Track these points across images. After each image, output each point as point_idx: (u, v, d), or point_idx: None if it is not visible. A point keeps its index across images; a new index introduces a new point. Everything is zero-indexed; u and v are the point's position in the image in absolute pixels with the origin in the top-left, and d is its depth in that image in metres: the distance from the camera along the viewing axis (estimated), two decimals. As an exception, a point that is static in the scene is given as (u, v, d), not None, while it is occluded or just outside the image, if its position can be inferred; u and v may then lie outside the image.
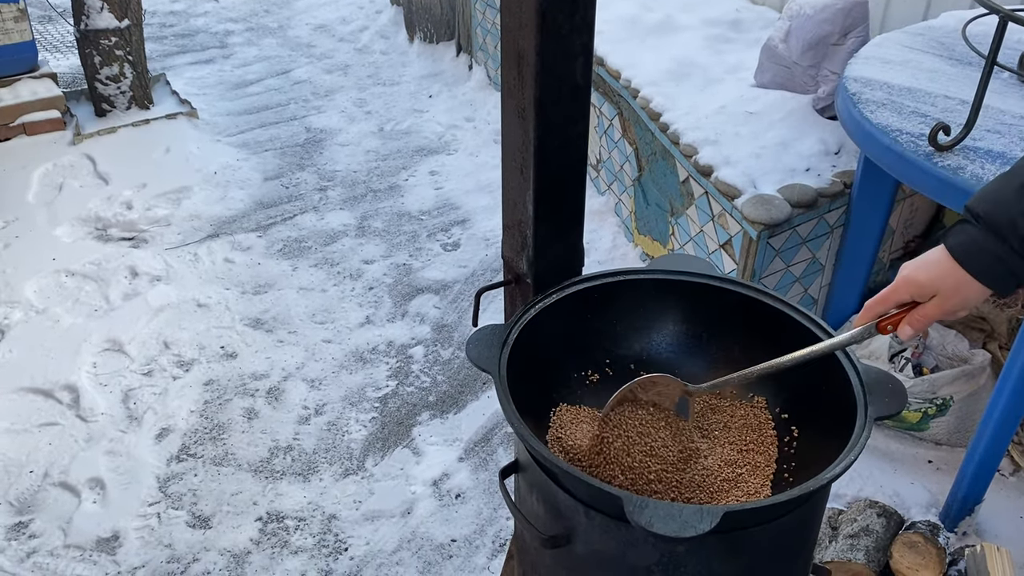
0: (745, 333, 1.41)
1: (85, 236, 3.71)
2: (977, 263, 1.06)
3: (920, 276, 1.10)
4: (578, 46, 1.27)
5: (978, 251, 1.05)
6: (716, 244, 2.83)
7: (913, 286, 1.11)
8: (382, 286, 3.48)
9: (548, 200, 1.39)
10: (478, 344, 1.29)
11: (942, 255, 1.09)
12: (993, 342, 2.68)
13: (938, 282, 1.09)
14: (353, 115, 4.87)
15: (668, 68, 3.31)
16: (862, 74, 2.38)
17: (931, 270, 1.09)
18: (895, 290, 1.13)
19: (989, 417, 2.13)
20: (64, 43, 5.71)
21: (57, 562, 2.36)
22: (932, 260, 1.10)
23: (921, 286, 1.10)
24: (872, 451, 2.56)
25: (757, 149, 2.79)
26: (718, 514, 0.98)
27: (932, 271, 1.09)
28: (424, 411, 2.88)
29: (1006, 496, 2.44)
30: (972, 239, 1.06)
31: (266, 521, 2.49)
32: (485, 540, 2.43)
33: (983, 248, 1.05)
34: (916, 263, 1.12)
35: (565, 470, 1.08)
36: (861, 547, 2.04)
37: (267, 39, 5.96)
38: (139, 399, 2.89)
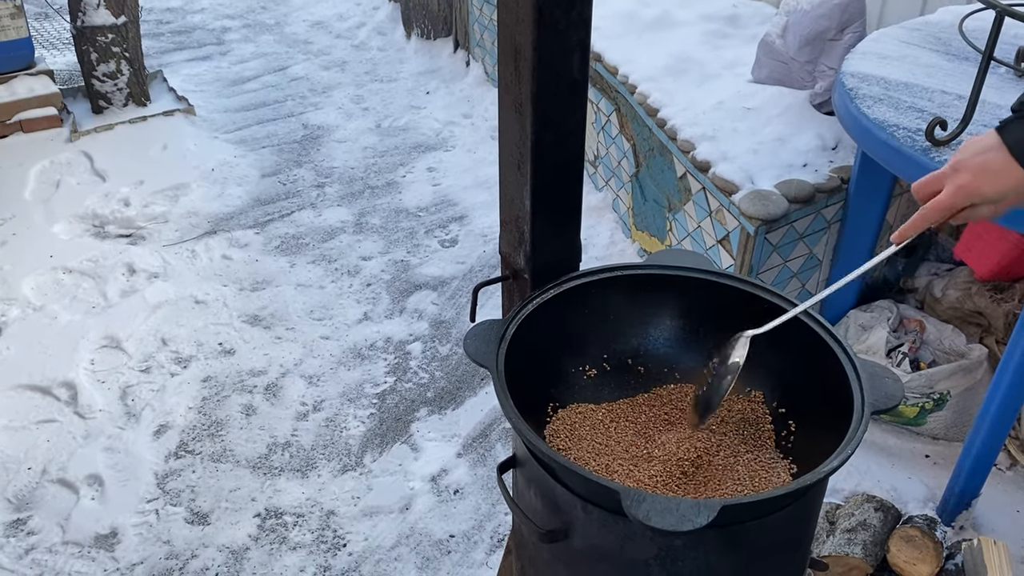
0: (742, 327, 1.41)
1: (82, 233, 3.71)
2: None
3: (980, 186, 1.05)
4: (575, 41, 1.26)
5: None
6: (714, 240, 2.83)
7: (974, 195, 1.07)
8: (380, 282, 3.48)
9: (545, 196, 1.39)
10: (476, 339, 1.29)
11: (998, 157, 1.04)
12: (990, 337, 2.69)
13: (999, 189, 1.05)
14: (350, 112, 4.87)
15: (665, 64, 3.31)
16: (859, 69, 2.38)
17: (989, 177, 1.05)
18: (954, 199, 1.08)
19: (986, 411, 2.14)
20: (61, 40, 5.70)
21: (55, 559, 2.36)
22: (986, 165, 1.05)
23: (982, 195, 1.06)
24: (869, 446, 2.57)
25: (754, 145, 2.79)
26: (715, 508, 0.99)
27: (991, 179, 1.05)
28: (422, 407, 2.88)
29: (1003, 490, 2.44)
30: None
31: (264, 517, 2.49)
32: (483, 535, 2.44)
33: None
34: (971, 166, 1.06)
35: (563, 464, 1.09)
36: (859, 541, 2.04)
37: (264, 36, 5.95)
38: (137, 396, 2.89)
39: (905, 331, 2.67)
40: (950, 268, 2.90)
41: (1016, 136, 1.04)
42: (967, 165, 1.08)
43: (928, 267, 2.94)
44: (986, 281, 2.71)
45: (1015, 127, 1.04)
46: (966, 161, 1.08)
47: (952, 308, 2.74)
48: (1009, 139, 1.04)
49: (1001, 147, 1.05)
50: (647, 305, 1.47)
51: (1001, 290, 2.68)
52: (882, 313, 2.69)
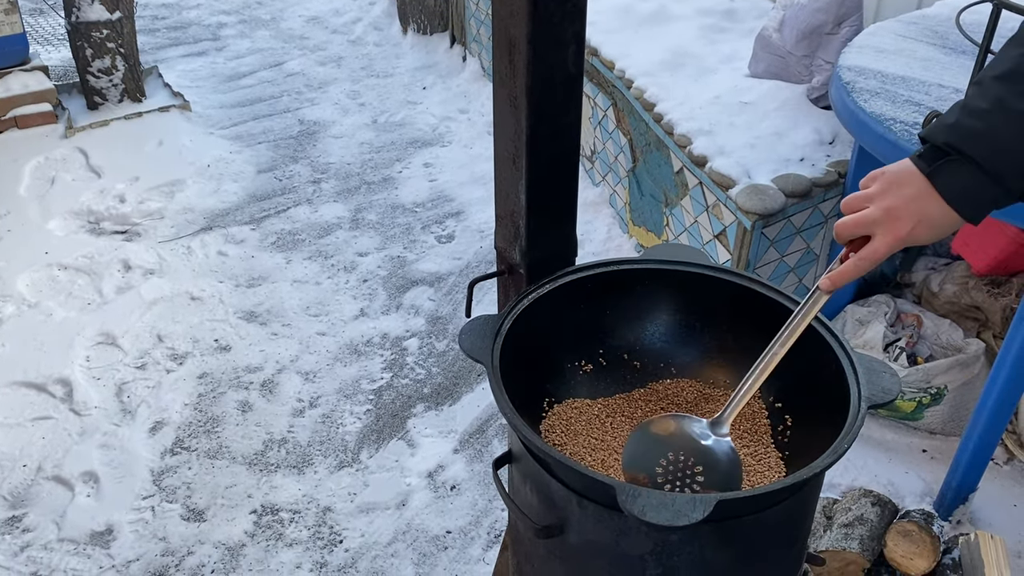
0: (738, 323, 1.41)
1: (78, 229, 3.70)
2: (972, 205, 1.00)
3: (926, 237, 1.03)
4: (570, 34, 1.26)
5: (975, 194, 0.99)
6: (710, 234, 2.83)
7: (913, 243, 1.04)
8: (376, 278, 3.47)
9: (541, 190, 1.38)
10: (471, 335, 1.28)
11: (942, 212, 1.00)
12: (987, 331, 2.69)
13: (933, 238, 1.03)
14: (347, 107, 4.85)
15: (662, 58, 3.30)
16: (856, 63, 2.37)
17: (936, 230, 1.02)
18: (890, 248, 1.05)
19: (983, 406, 2.14)
20: (55, 36, 5.68)
21: (51, 556, 2.35)
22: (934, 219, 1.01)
23: (924, 242, 1.04)
24: (866, 440, 2.57)
25: (751, 139, 2.79)
26: (711, 503, 0.98)
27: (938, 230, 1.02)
28: (419, 403, 2.88)
29: (1000, 484, 2.44)
30: (970, 184, 0.98)
31: (260, 514, 2.49)
32: (480, 531, 2.43)
33: (981, 196, 0.99)
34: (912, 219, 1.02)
35: (558, 460, 1.08)
36: (856, 536, 2.04)
37: (260, 31, 5.93)
38: (133, 392, 2.88)
39: (902, 326, 2.66)
40: (947, 262, 2.89)
41: (952, 189, 1.00)
42: (902, 213, 1.03)
43: (925, 261, 2.94)
44: (983, 275, 2.71)
45: (946, 175, 1.00)
46: (899, 209, 1.03)
47: (949, 302, 2.74)
48: (943, 188, 1.00)
49: (933, 196, 1.01)
50: (643, 300, 1.46)
51: (998, 284, 2.68)
52: (879, 308, 2.69)
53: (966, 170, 0.99)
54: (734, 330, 1.43)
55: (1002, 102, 0.98)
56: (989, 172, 0.97)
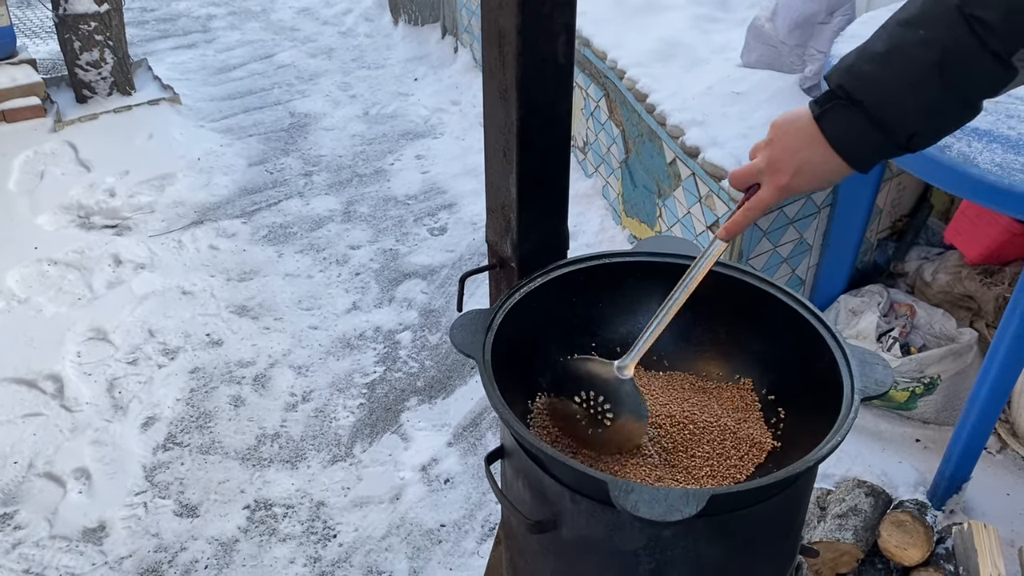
0: (731, 315, 1.40)
1: (67, 224, 3.67)
2: (855, 150, 0.98)
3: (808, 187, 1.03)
4: (560, 24, 1.24)
5: (858, 139, 0.97)
6: (703, 225, 2.82)
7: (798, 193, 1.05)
8: (369, 271, 3.46)
9: (532, 182, 1.37)
10: (462, 329, 1.27)
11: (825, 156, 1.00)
12: (980, 321, 2.69)
13: (830, 182, 1.03)
14: (338, 99, 4.83)
15: (654, 48, 3.29)
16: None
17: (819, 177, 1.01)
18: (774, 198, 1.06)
19: (976, 395, 2.14)
20: (43, 28, 5.63)
21: (43, 553, 2.34)
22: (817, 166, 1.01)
23: (810, 191, 1.05)
24: (860, 430, 2.57)
25: (744, 130, 2.78)
26: (704, 497, 0.97)
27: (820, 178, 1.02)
28: (412, 396, 2.87)
29: (993, 474, 2.45)
30: (854, 128, 0.97)
31: (254, 509, 2.48)
32: (474, 525, 2.43)
33: (865, 140, 0.97)
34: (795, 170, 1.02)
35: (550, 455, 1.07)
36: (849, 527, 2.04)
37: (250, 23, 5.89)
38: (124, 388, 2.87)
39: (895, 315, 2.66)
40: (940, 252, 2.89)
41: (837, 133, 0.98)
42: (785, 166, 1.03)
43: (918, 251, 2.94)
44: (976, 265, 2.71)
45: (833, 119, 0.98)
46: (781, 160, 1.03)
47: (942, 292, 2.74)
48: (829, 132, 0.98)
49: (819, 140, 0.99)
50: (635, 292, 1.45)
51: (991, 274, 2.68)
52: (872, 298, 2.69)
53: (853, 115, 0.97)
54: (727, 322, 1.42)
55: (899, 49, 0.94)
56: (875, 119, 0.95)
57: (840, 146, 0.99)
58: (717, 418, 1.31)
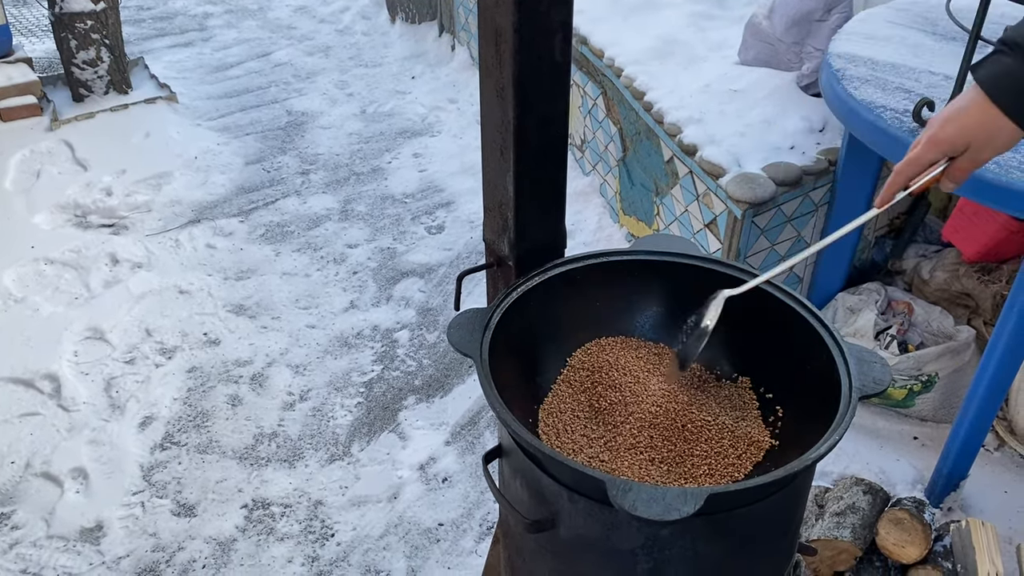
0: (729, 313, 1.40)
1: (64, 223, 3.66)
2: (1008, 96, 0.96)
3: (949, 132, 1.01)
4: (556, 22, 1.24)
5: (1011, 82, 0.96)
6: (701, 224, 2.82)
7: (944, 143, 1.02)
8: (366, 270, 3.45)
9: (529, 181, 1.36)
10: (459, 328, 1.27)
11: (970, 99, 0.99)
12: (978, 318, 2.69)
13: (968, 134, 1.00)
14: (335, 97, 4.82)
15: (652, 46, 3.28)
16: (846, 50, 2.36)
17: (958, 122, 1.00)
18: (924, 151, 1.04)
19: (974, 393, 2.14)
20: (39, 27, 5.62)
21: (40, 553, 2.33)
22: (958, 109, 1.00)
23: (951, 143, 1.01)
24: (858, 428, 2.57)
25: (741, 127, 2.78)
26: (702, 496, 0.97)
27: (959, 123, 1.00)
28: (410, 395, 2.87)
29: (991, 471, 2.45)
30: (1006, 69, 0.96)
31: (251, 508, 2.48)
32: (472, 523, 2.43)
33: (1017, 78, 0.95)
34: (943, 117, 1.02)
35: (548, 454, 1.07)
36: (847, 525, 2.04)
37: (247, 21, 5.88)
38: (121, 387, 2.86)
39: (893, 313, 2.66)
40: (938, 250, 2.89)
41: (987, 72, 0.98)
42: (935, 119, 1.04)
43: (916, 249, 2.94)
44: (974, 262, 2.71)
45: (986, 64, 0.98)
46: (935, 116, 1.04)
47: (940, 290, 2.74)
48: (980, 75, 0.98)
49: (973, 89, 1.00)
50: (633, 291, 1.45)
51: (989, 271, 2.68)
52: (870, 296, 2.69)
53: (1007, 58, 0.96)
54: (725, 321, 1.42)
55: None
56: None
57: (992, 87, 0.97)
58: (715, 416, 1.31)
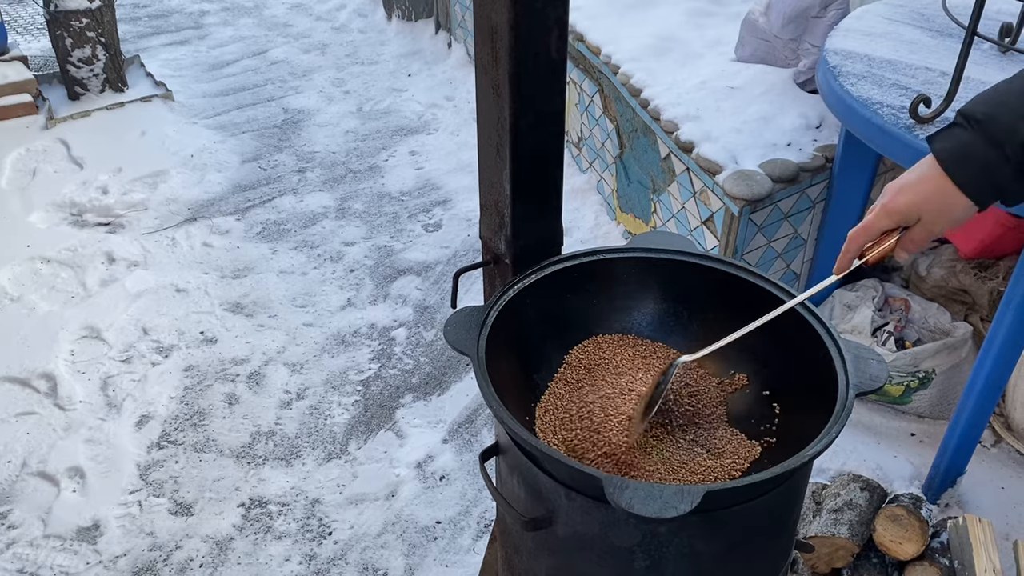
0: (726, 310, 1.40)
1: (60, 222, 3.65)
2: (964, 172, 0.97)
3: (901, 202, 1.02)
4: (552, 19, 1.24)
5: (967, 157, 0.96)
6: (698, 221, 2.81)
7: (896, 214, 1.03)
8: (363, 268, 3.45)
9: (525, 178, 1.36)
10: (456, 326, 1.27)
11: (925, 171, 1.00)
12: (975, 314, 2.69)
13: (922, 205, 1.01)
14: (331, 95, 4.81)
15: (648, 43, 3.28)
16: (843, 47, 2.36)
17: (912, 193, 1.01)
18: (876, 219, 1.05)
19: (971, 389, 2.14)
20: (34, 25, 5.60)
21: (37, 552, 2.33)
22: (914, 179, 1.01)
23: (903, 213, 1.02)
24: (855, 425, 2.57)
25: (738, 124, 2.77)
26: (699, 494, 0.97)
27: (913, 194, 1.01)
28: (407, 393, 2.86)
29: (988, 467, 2.45)
30: (963, 144, 0.96)
31: (249, 507, 2.47)
32: (470, 521, 2.43)
33: (972, 154, 0.96)
34: (897, 186, 1.03)
35: (545, 452, 1.07)
36: (845, 521, 2.04)
37: (243, 19, 5.87)
38: (118, 386, 2.86)
39: (890, 310, 2.66)
40: (935, 246, 2.89)
41: (943, 145, 0.98)
42: (890, 187, 1.05)
43: (913, 245, 2.93)
44: (970, 259, 2.71)
45: (943, 137, 0.99)
46: (891, 184, 1.05)
47: (937, 286, 2.74)
48: (936, 148, 0.99)
49: (930, 160, 1.00)
50: (630, 288, 1.45)
51: (985, 268, 2.68)
52: (867, 292, 2.69)
53: (962, 131, 0.97)
54: (721, 317, 1.41)
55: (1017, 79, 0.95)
56: (987, 132, 0.94)
57: (948, 161, 0.97)
58: (713, 414, 1.31)
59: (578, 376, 1.38)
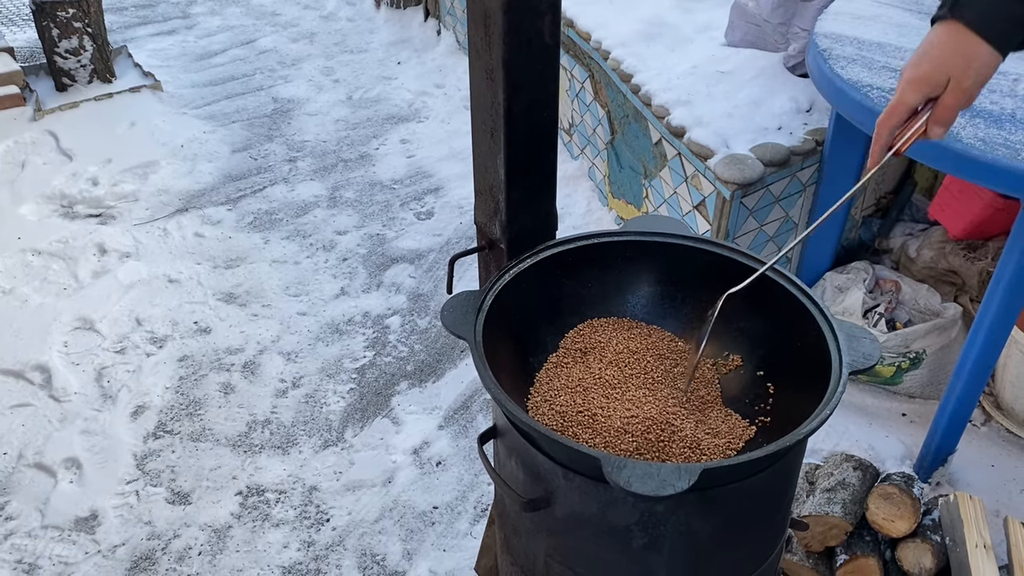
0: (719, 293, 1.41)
1: (51, 214, 3.64)
2: (993, 28, 0.95)
3: (926, 69, 0.99)
4: (545, 4, 1.24)
5: (996, 12, 0.94)
6: (690, 205, 2.83)
7: (923, 82, 1.00)
8: (356, 257, 3.45)
9: (519, 163, 1.37)
10: (453, 311, 1.28)
11: (938, 35, 0.98)
12: (964, 295, 2.71)
13: (946, 66, 0.99)
14: (321, 84, 4.80)
15: (638, 29, 3.28)
16: (832, 30, 2.37)
17: (932, 57, 0.99)
18: (903, 94, 1.02)
19: (961, 369, 2.16)
20: (20, 16, 5.56)
21: (35, 543, 2.34)
22: (928, 46, 0.99)
23: (930, 80, 1.00)
24: (847, 406, 2.59)
25: (729, 109, 2.78)
26: (696, 472, 0.99)
27: (933, 58, 0.99)
28: (402, 380, 2.87)
29: (978, 446, 2.48)
30: (989, 4, 0.94)
31: (246, 495, 2.48)
32: (467, 506, 2.44)
33: (999, 11, 0.94)
34: (914, 59, 1.01)
35: (543, 433, 1.08)
36: (838, 500, 2.07)
37: (231, 8, 5.83)
38: (113, 377, 2.86)
39: (881, 292, 2.69)
40: (924, 228, 2.91)
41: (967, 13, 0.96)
42: (907, 65, 1.03)
43: (903, 227, 2.96)
44: (960, 240, 2.73)
45: (964, 5, 0.97)
46: (906, 64, 1.03)
47: (927, 268, 2.76)
48: (960, 15, 0.97)
49: (939, 26, 0.99)
50: (625, 272, 1.46)
51: (974, 248, 2.70)
52: (858, 274, 2.71)
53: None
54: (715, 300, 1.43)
55: None
56: None
57: (974, 23, 0.95)
58: (708, 394, 1.32)
59: (573, 359, 1.39)
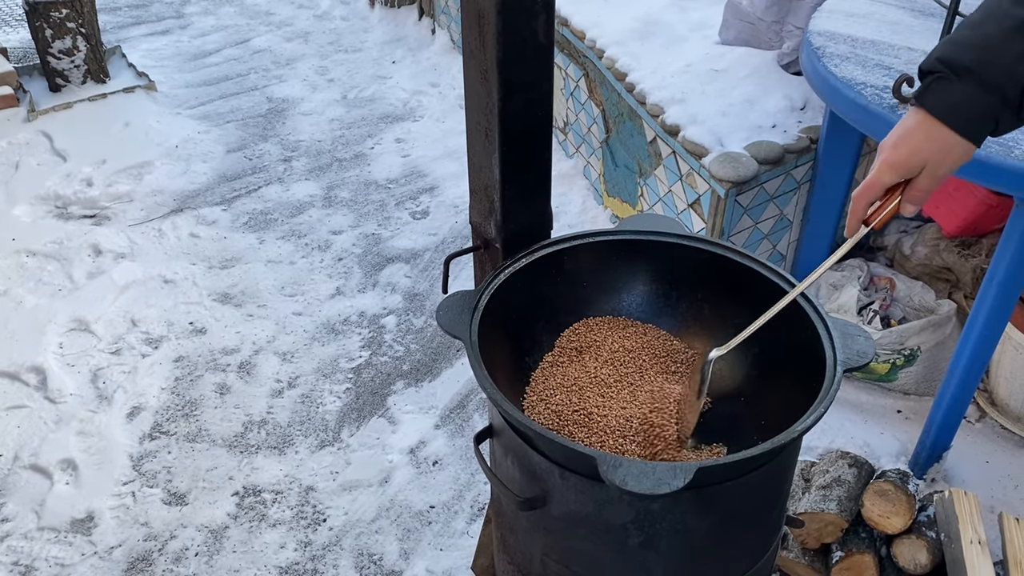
0: (715, 291, 1.42)
1: (45, 215, 3.63)
2: (961, 120, 0.96)
3: (903, 153, 1.01)
4: (539, 4, 1.24)
5: (963, 107, 0.95)
6: (685, 203, 2.83)
7: (899, 167, 1.02)
8: (351, 256, 3.45)
9: (514, 163, 1.37)
10: (448, 310, 1.28)
11: (917, 121, 0.99)
12: (958, 292, 2.72)
13: (923, 154, 1.00)
14: (315, 83, 4.79)
15: (633, 27, 3.28)
16: (826, 28, 2.37)
17: (909, 143, 1.00)
18: (879, 175, 1.04)
19: (956, 366, 2.17)
20: (13, 16, 5.54)
21: (31, 545, 2.33)
22: (907, 130, 1.00)
23: (906, 164, 1.01)
24: (842, 403, 2.60)
25: (723, 107, 2.79)
26: (691, 470, 0.99)
27: (911, 145, 1.00)
28: (398, 380, 2.87)
29: (972, 442, 2.49)
30: (957, 94, 0.95)
31: (243, 496, 2.48)
32: (463, 505, 2.45)
33: (969, 103, 0.95)
34: (892, 140, 1.02)
35: (539, 432, 1.08)
36: (833, 497, 2.07)
37: (224, 7, 5.82)
38: (108, 378, 2.85)
39: (875, 289, 2.69)
40: (919, 225, 2.92)
41: (937, 100, 0.98)
42: (885, 144, 1.04)
43: (897, 225, 2.97)
44: (954, 237, 2.74)
45: (932, 93, 0.98)
46: (884, 142, 1.05)
47: (921, 265, 2.77)
48: (930, 104, 0.98)
49: (918, 112, 1.00)
50: (620, 271, 1.47)
51: (968, 245, 2.71)
52: (853, 272, 2.71)
53: (955, 84, 0.95)
54: (710, 298, 1.43)
55: (999, 6, 0.94)
56: (982, 79, 0.93)
57: (948, 116, 0.96)
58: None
59: (569, 358, 1.39)
